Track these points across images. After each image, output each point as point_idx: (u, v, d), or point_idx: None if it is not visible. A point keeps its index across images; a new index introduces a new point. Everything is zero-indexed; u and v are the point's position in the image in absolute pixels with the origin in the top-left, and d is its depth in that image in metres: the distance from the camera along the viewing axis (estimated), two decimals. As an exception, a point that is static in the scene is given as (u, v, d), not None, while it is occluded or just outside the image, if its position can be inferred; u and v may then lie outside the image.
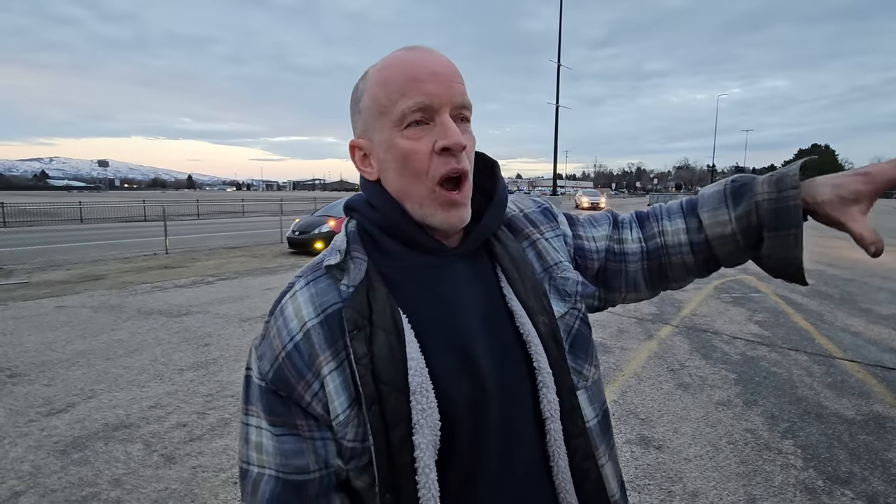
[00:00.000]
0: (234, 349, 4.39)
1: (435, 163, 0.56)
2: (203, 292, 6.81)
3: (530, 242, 0.69)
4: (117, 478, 2.45)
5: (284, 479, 0.55)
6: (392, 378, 0.53)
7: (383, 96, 0.57)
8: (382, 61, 0.60)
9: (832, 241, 13.40)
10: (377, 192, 0.61)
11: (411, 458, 0.52)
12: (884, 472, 2.47)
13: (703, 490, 2.35)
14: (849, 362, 4.01)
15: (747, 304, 6.03)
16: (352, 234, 0.62)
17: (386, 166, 0.60)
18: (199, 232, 16.63)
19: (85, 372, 3.84)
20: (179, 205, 26.62)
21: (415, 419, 0.52)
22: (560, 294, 0.65)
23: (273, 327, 0.58)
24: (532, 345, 0.59)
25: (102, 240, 13.91)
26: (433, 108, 0.56)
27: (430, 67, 0.56)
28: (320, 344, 0.55)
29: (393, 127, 0.57)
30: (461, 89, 0.58)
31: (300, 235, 10.94)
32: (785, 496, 2.29)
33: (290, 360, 0.56)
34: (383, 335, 0.54)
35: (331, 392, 0.54)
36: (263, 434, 0.56)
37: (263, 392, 0.57)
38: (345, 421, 0.54)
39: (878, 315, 5.45)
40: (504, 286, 0.62)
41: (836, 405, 3.23)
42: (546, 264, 0.67)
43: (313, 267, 0.62)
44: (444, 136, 0.55)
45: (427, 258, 0.61)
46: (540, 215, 0.73)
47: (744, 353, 4.27)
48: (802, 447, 2.72)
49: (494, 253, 0.64)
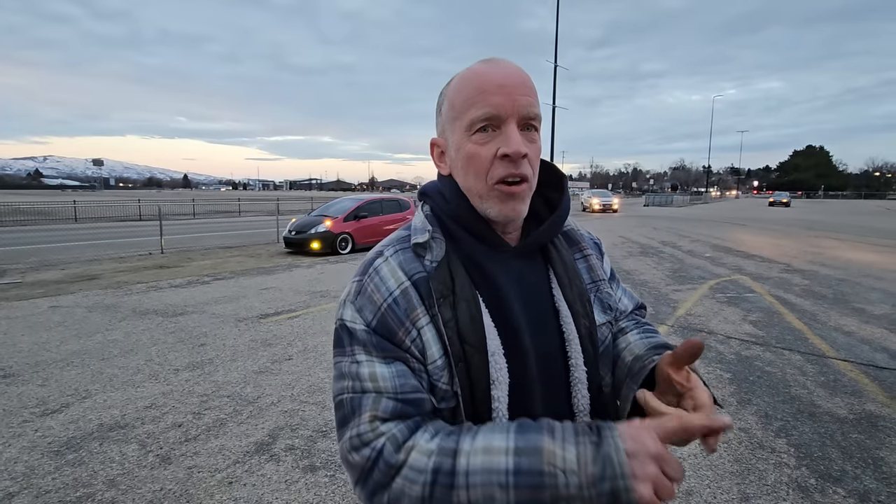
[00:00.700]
0: (230, 349, 4.38)
1: (496, 166, 0.63)
2: (199, 292, 6.79)
3: (583, 256, 0.78)
4: (112, 478, 2.44)
5: (404, 399, 0.60)
6: (475, 340, 0.62)
7: (458, 103, 0.65)
8: (464, 71, 0.68)
9: (826, 241, 13.49)
10: (449, 185, 0.70)
11: (490, 408, 0.61)
12: (875, 470, 2.50)
13: (697, 488, 2.36)
14: (841, 361, 4.04)
15: (742, 304, 6.06)
16: (429, 217, 0.70)
17: (455, 164, 0.68)
18: (194, 232, 16.56)
19: (80, 372, 3.82)
20: (175, 204, 26.50)
21: (493, 376, 0.62)
22: (602, 306, 0.74)
23: (370, 284, 0.65)
24: (571, 343, 0.67)
25: (97, 239, 13.83)
26: (500, 117, 0.63)
27: (499, 81, 0.63)
28: (416, 299, 0.64)
29: (464, 131, 0.65)
30: (528, 101, 0.63)
31: (297, 235, 10.92)
32: (778, 494, 2.31)
33: (391, 310, 0.63)
34: (465, 304, 0.63)
35: (427, 340, 0.62)
36: (376, 365, 0.61)
37: (370, 334, 0.63)
38: (442, 365, 0.62)
39: (870, 315, 5.50)
40: (554, 287, 0.70)
41: (829, 404, 3.25)
42: (595, 277, 0.76)
43: (400, 239, 0.70)
44: (506, 144, 0.62)
45: (489, 251, 0.68)
46: (593, 242, 0.83)
47: (738, 352, 4.30)
48: (795, 446, 2.74)
49: (550, 257, 0.72)
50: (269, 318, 5.43)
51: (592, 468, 0.49)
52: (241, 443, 2.79)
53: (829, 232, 16.64)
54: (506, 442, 0.53)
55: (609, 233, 15.80)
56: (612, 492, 0.48)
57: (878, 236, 15.27)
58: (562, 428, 0.54)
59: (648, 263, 9.32)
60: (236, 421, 3.05)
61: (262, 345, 4.52)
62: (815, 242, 13.07)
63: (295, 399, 3.37)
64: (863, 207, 44.42)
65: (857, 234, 16.17)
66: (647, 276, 7.87)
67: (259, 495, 2.32)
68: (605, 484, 0.48)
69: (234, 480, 2.43)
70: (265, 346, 4.47)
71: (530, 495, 0.50)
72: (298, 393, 3.47)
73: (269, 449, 2.73)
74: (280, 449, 2.73)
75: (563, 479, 0.49)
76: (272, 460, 2.61)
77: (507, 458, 0.51)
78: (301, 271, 8.66)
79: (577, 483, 0.49)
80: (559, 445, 0.51)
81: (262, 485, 2.40)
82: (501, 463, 0.51)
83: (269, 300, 6.33)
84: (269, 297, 6.54)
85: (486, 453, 0.52)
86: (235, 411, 3.18)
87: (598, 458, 0.50)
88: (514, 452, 0.52)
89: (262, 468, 2.54)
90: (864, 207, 44.42)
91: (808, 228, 17.65)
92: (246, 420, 3.06)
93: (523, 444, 0.52)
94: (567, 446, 0.51)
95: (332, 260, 10.02)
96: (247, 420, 3.06)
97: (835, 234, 15.67)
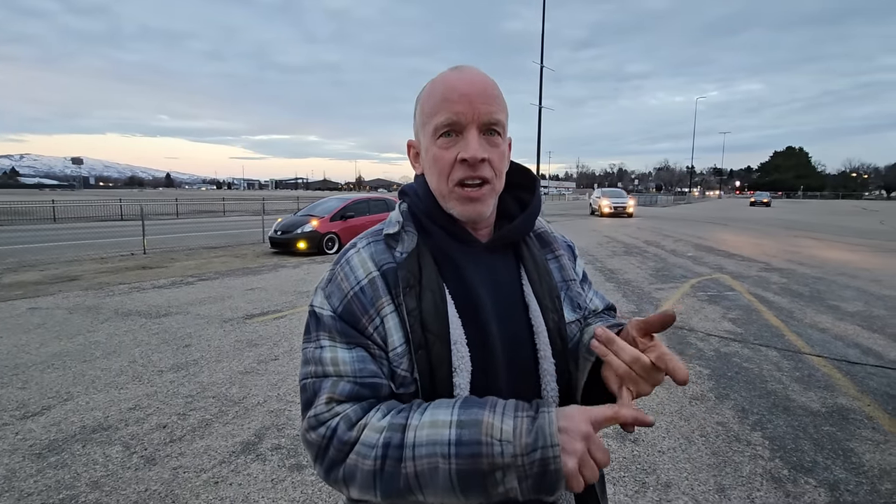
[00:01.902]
0: (215, 350, 4.35)
1: (456, 169, 0.68)
2: (183, 293, 6.72)
3: (555, 256, 0.82)
4: (96, 480, 2.42)
5: (362, 383, 0.64)
6: (438, 329, 0.65)
7: (426, 109, 0.70)
8: (434, 78, 0.72)
9: (804, 240, 13.84)
10: (423, 184, 0.75)
11: (450, 394, 0.64)
12: (845, 460, 2.60)
13: (675, 481, 2.44)
14: (816, 357, 4.17)
15: (722, 302, 6.21)
16: (405, 213, 0.75)
17: (425, 165, 0.73)
18: (178, 232, 16.32)
19: (61, 374, 3.77)
20: (157, 204, 26.07)
21: (455, 364, 0.65)
22: (572, 304, 0.78)
23: (340, 273, 0.70)
24: (540, 336, 0.70)
25: (77, 240, 13.55)
26: (461, 124, 0.67)
27: (462, 89, 0.67)
28: (382, 289, 0.68)
29: (431, 136, 0.70)
30: (487, 109, 0.67)
31: (283, 235, 10.85)
32: (752, 485, 2.39)
33: (357, 298, 0.67)
34: (430, 294, 0.66)
35: (390, 328, 0.66)
36: (338, 350, 0.66)
37: (335, 320, 0.67)
38: (402, 352, 0.66)
39: (844, 312, 5.67)
40: (525, 283, 0.74)
41: (803, 398, 3.36)
42: (566, 277, 0.80)
43: (373, 233, 0.74)
44: (465, 149, 0.67)
45: (461, 246, 0.72)
46: (566, 244, 0.86)
47: (717, 349, 4.41)
48: (770, 438, 2.84)
49: (521, 255, 0.76)
50: (255, 319, 5.40)
51: (526, 439, 0.54)
52: (227, 443, 2.79)
53: (807, 231, 17.06)
54: (449, 416, 0.58)
55: (594, 233, 15.98)
56: (542, 460, 0.53)
57: (853, 236, 15.70)
58: (503, 404, 0.59)
59: (632, 262, 9.47)
60: (222, 421, 3.04)
61: (247, 345, 4.50)
62: (794, 242, 13.40)
63: (281, 399, 3.37)
64: (840, 207, 45.55)
65: (834, 233, 16.60)
66: (631, 276, 8.00)
67: (245, 494, 2.32)
68: (537, 453, 0.53)
69: (220, 480, 2.43)
70: (251, 347, 4.45)
71: (470, 464, 0.55)
72: (285, 393, 3.47)
73: (255, 448, 2.73)
74: (266, 448, 2.73)
75: (499, 448, 0.54)
76: (258, 460, 2.62)
77: (449, 431, 0.56)
78: (287, 271, 8.61)
79: (511, 452, 0.54)
80: (498, 419, 0.56)
81: (249, 484, 2.40)
82: (444, 435, 0.56)
83: (255, 300, 6.29)
84: (255, 297, 6.50)
85: (432, 427, 0.57)
86: (221, 412, 3.17)
87: (532, 430, 0.55)
88: (456, 425, 0.57)
89: (249, 468, 2.54)
90: (841, 207, 45.56)
91: (787, 228, 18.06)
92: (232, 420, 3.06)
93: (465, 418, 0.57)
94: (506, 419, 0.56)
95: (318, 260, 9.98)
96: (232, 420, 3.06)
97: (812, 234, 16.07)
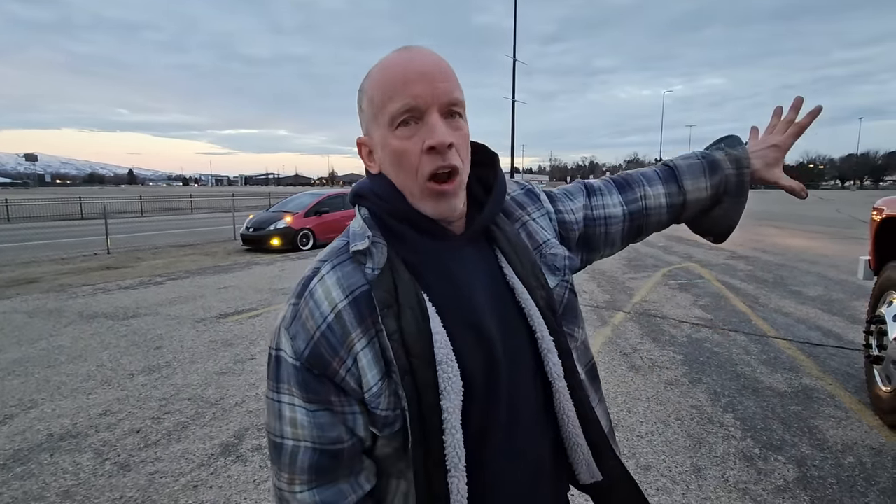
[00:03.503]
0: (188, 351, 4.23)
1: (424, 161, 0.60)
2: (151, 293, 6.49)
3: (521, 224, 0.76)
4: (66, 489, 2.32)
5: (321, 450, 0.61)
6: (421, 351, 0.58)
7: (377, 98, 0.62)
8: (378, 63, 0.64)
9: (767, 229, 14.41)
10: (383, 183, 0.66)
11: (440, 419, 0.59)
12: (811, 437, 2.73)
13: (654, 463, 2.51)
14: (781, 340, 4.36)
15: (692, 289, 6.41)
16: (368, 221, 0.66)
17: (384, 162, 0.65)
18: (143, 230, 15.74)
19: (23, 381, 3.59)
20: (120, 201, 25.05)
21: (441, 386, 0.58)
22: (550, 269, 0.73)
23: (304, 309, 0.62)
24: (533, 317, 0.66)
25: (34, 240, 12.90)
26: (420, 108, 0.60)
27: (416, 68, 0.60)
28: (351, 323, 0.60)
29: (387, 127, 0.61)
30: (447, 87, 0.61)
31: (255, 232, 10.61)
32: (726, 464, 2.48)
33: (324, 338, 0.60)
34: (410, 312, 0.59)
35: (363, 367, 0.59)
36: (297, 410, 0.61)
37: (298, 371, 0.60)
38: (378, 392, 0.60)
39: (806, 297, 5.94)
40: (504, 267, 0.69)
41: (771, 380, 3.51)
42: (536, 243, 0.74)
43: (337, 251, 0.66)
44: (430, 136, 0.59)
45: (436, 243, 0.66)
46: (525, 197, 0.79)
47: (689, 335, 4.55)
48: (741, 419, 2.95)
49: (494, 237, 0.70)
50: (230, 318, 5.27)
51: None
52: (205, 445, 2.72)
53: (770, 220, 17.76)
54: None
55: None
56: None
57: (812, 224, 16.44)
58: None
59: (606, 253, 9.67)
60: (199, 423, 2.96)
61: (222, 345, 4.38)
62: (758, 230, 13.93)
63: (260, 399, 3.30)
64: (798, 197, 47.48)
65: (795, 221, 17.35)
66: (605, 266, 8.17)
67: (227, 497, 2.27)
68: None
69: (200, 483, 2.37)
70: (226, 347, 4.34)
71: None
72: (264, 392, 3.39)
73: (235, 450, 2.67)
74: (247, 449, 2.68)
75: None
76: (239, 461, 2.56)
77: None
78: (261, 269, 8.43)
79: None
80: None
81: (230, 486, 2.35)
82: None
83: (229, 299, 6.14)
84: (228, 296, 6.34)
85: None
86: (197, 414, 3.09)
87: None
88: None
89: (229, 469, 2.49)
90: (800, 197, 47.50)
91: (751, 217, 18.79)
92: (209, 422, 2.98)
93: None
94: None
95: (293, 256, 9.80)
96: (210, 422, 2.98)
97: (774, 223, 16.74)
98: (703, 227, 0.92)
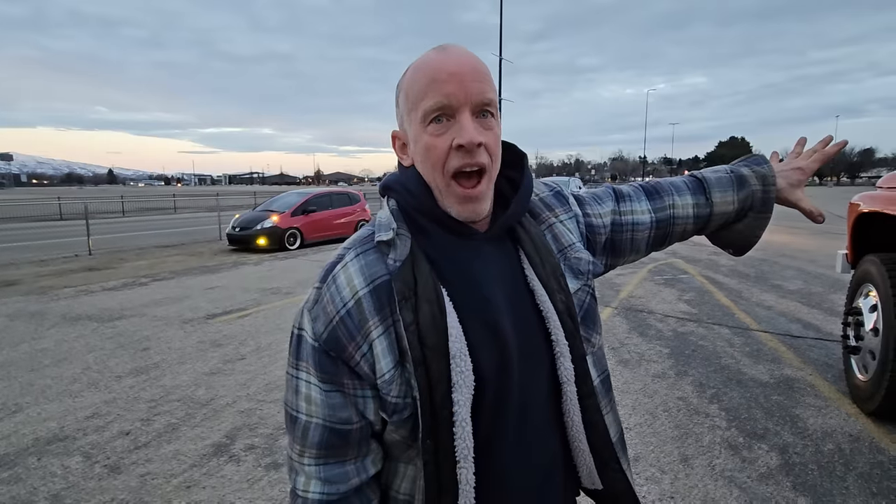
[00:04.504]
0: (176, 352, 4.18)
1: (452, 157, 0.63)
2: (136, 294, 6.39)
3: (548, 226, 0.76)
4: (56, 493, 2.30)
5: (331, 428, 0.64)
6: (436, 343, 0.60)
7: (412, 95, 0.64)
8: (415, 61, 0.66)
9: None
10: (413, 177, 0.68)
11: (450, 412, 0.61)
12: (793, 426, 2.82)
13: (643, 454, 2.57)
14: (763, 333, 4.47)
15: (677, 285, 6.53)
16: (395, 213, 0.68)
17: (416, 156, 0.67)
18: (125, 231, 15.45)
19: (6, 385, 3.52)
20: (101, 202, 24.52)
21: (454, 379, 0.60)
22: (574, 273, 0.74)
23: (326, 293, 0.64)
24: (550, 320, 0.68)
25: (11, 241, 12.58)
26: (452, 107, 0.61)
27: (450, 68, 0.62)
28: (370, 310, 0.62)
29: (420, 123, 0.64)
30: (480, 88, 0.62)
31: (241, 232, 10.49)
32: (712, 453, 2.55)
33: (343, 323, 0.62)
34: (427, 306, 0.61)
35: (378, 354, 0.62)
36: (313, 388, 0.64)
37: (316, 351, 0.63)
38: (390, 379, 0.62)
39: (786, 290, 6.10)
40: (526, 268, 0.70)
41: (754, 371, 3.61)
42: (561, 246, 0.75)
43: (363, 240, 0.68)
44: (460, 134, 0.61)
45: (460, 240, 0.67)
46: (553, 199, 0.80)
47: (675, 329, 4.65)
48: (726, 409, 3.03)
49: (518, 238, 0.71)
50: (218, 318, 5.22)
51: None
52: (197, 446, 2.70)
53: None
54: None
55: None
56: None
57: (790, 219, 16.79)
58: None
59: (593, 250, 9.78)
60: (190, 424, 2.94)
61: (211, 345, 4.35)
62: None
63: (252, 398, 3.29)
64: (778, 194, 48.59)
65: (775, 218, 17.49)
66: (592, 262, 8.26)
67: (221, 496, 2.27)
68: None
69: (193, 484, 2.36)
70: (215, 347, 4.30)
71: None
72: (255, 392, 3.39)
73: (227, 450, 2.66)
74: (239, 449, 2.67)
75: None
76: (232, 461, 2.55)
77: None
78: (248, 268, 8.35)
79: None
80: None
81: (223, 486, 2.35)
82: None
83: (216, 299, 6.07)
84: (216, 296, 6.28)
85: None
86: (188, 414, 3.07)
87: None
88: None
89: (222, 469, 2.48)
90: (780, 194, 48.61)
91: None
92: (201, 423, 2.96)
93: None
94: None
95: (280, 256, 9.73)
96: (201, 423, 2.96)
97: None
98: (724, 241, 0.93)
